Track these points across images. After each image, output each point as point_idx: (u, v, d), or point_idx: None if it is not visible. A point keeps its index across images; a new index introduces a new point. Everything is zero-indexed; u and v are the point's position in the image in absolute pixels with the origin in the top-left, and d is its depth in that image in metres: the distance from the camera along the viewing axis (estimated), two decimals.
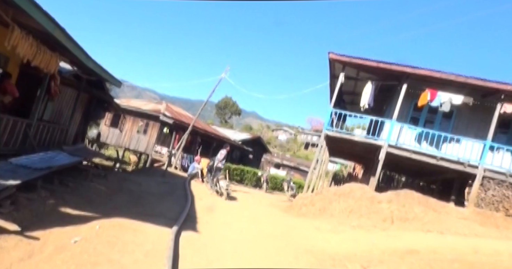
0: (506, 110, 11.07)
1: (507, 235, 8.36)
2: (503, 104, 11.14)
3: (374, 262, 5.62)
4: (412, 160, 11.71)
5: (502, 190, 10.60)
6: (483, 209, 10.47)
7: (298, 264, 5.49)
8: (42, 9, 4.87)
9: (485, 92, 11.56)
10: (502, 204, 10.42)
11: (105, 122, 23.14)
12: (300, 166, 44.17)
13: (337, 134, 12.60)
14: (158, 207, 8.31)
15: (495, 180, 10.82)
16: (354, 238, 7.32)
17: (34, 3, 4.64)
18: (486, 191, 10.74)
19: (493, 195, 10.61)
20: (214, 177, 12.79)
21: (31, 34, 5.73)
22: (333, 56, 12.18)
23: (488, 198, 10.62)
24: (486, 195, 10.67)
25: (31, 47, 5.80)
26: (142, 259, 4.55)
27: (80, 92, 10.77)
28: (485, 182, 10.86)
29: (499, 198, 10.51)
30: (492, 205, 10.51)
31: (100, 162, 18.38)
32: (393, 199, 10.31)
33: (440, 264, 5.51)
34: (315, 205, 10.52)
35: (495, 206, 10.46)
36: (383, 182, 18.86)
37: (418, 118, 13.11)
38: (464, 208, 10.70)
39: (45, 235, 4.60)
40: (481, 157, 11.12)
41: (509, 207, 10.29)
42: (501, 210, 10.35)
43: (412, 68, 11.57)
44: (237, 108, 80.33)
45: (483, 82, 11.04)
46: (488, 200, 10.60)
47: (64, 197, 6.56)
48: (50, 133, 9.37)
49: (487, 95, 11.66)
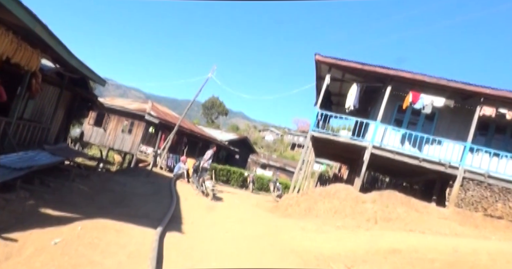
0: (485, 113, 11.38)
1: (485, 234, 8.59)
2: (482, 107, 11.43)
3: (358, 262, 5.69)
4: (396, 161, 11.88)
5: (481, 191, 10.90)
6: (463, 209, 10.72)
7: (283, 264, 5.50)
8: (23, 4, 4.74)
9: (465, 95, 11.85)
10: (480, 204, 10.71)
11: (88, 121, 22.68)
12: (287, 166, 44.35)
13: (323, 135, 12.69)
14: (143, 208, 8.20)
15: (474, 181, 11.09)
16: (338, 238, 7.38)
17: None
18: (466, 191, 11.00)
19: (472, 196, 10.88)
20: (200, 177, 12.70)
21: (11, 30, 5.57)
22: (319, 57, 12.27)
23: (467, 198, 10.89)
24: (466, 196, 10.94)
25: (11, 44, 5.62)
26: (125, 261, 4.48)
27: (63, 90, 10.52)
28: (465, 183, 11.12)
29: (478, 199, 10.80)
30: (472, 205, 10.78)
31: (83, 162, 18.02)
32: (377, 200, 10.45)
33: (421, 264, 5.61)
34: (301, 206, 10.56)
35: (474, 206, 10.73)
36: (367, 182, 19.12)
37: (402, 120, 13.33)
38: (445, 208, 10.93)
39: (24, 236, 4.46)
40: (461, 159, 11.39)
41: (487, 207, 10.59)
42: (480, 210, 10.64)
43: (396, 70, 11.76)
44: (224, 108, 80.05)
45: (463, 85, 11.33)
46: (468, 200, 10.86)
47: (44, 197, 6.40)
48: (31, 132, 9.12)
49: (467, 98, 11.95)
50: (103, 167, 18.01)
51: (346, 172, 24.07)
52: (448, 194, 11.32)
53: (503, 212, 10.37)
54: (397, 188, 14.24)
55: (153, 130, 21.85)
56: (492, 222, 9.98)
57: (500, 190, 10.75)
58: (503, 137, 12.60)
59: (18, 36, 5.81)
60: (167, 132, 21.59)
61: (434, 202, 11.75)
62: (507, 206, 10.38)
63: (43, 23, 5.44)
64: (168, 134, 21.37)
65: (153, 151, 20.35)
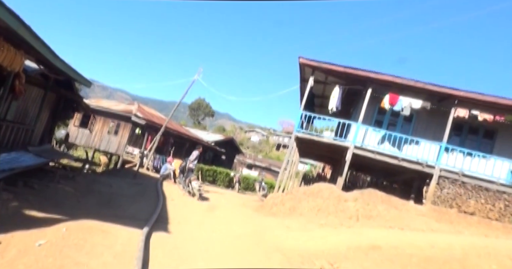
0: (459, 114, 11.72)
1: (459, 230, 8.83)
2: (456, 109, 11.77)
3: (340, 259, 5.75)
4: (376, 160, 12.07)
5: (455, 189, 11.21)
6: (439, 206, 10.99)
7: (269, 262, 5.52)
8: (5, 5, 4.61)
9: (440, 97, 12.16)
10: (455, 201, 11.02)
11: (74, 122, 22.19)
12: (272, 166, 44.49)
13: (307, 136, 12.79)
14: (129, 209, 8.09)
15: (449, 179, 11.39)
16: (322, 236, 7.43)
17: None
18: (441, 189, 11.29)
19: (447, 193, 11.18)
20: (186, 177, 12.61)
21: None
22: (303, 60, 12.39)
23: (443, 196, 11.18)
24: (441, 193, 11.23)
25: None
26: (111, 261, 4.41)
27: (47, 92, 10.25)
28: (441, 181, 11.40)
29: (453, 196, 11.10)
30: (447, 202, 11.08)
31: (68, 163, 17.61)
32: (358, 198, 10.57)
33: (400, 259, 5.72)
34: (286, 205, 10.59)
35: (449, 203, 11.03)
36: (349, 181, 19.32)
37: (382, 121, 13.56)
38: (422, 205, 11.17)
39: (7, 238, 4.34)
40: (437, 158, 11.68)
41: (461, 204, 10.90)
42: (455, 207, 10.94)
43: (376, 73, 11.98)
44: (210, 109, 79.67)
45: (438, 88, 11.63)
46: (444, 198, 11.15)
47: (28, 199, 6.23)
48: (14, 134, 8.85)
49: (442, 100, 12.25)
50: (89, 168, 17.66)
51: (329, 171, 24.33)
52: (425, 192, 11.58)
53: (475, 208, 10.70)
54: (378, 186, 14.46)
55: (140, 132, 21.56)
56: (465, 218, 10.27)
57: (473, 188, 11.09)
58: (476, 138, 12.97)
59: (1, 37, 5.65)
60: (154, 133, 21.35)
61: (412, 200, 11.99)
62: (479, 203, 10.72)
63: (26, 24, 5.30)
64: (154, 135, 21.14)
65: (139, 152, 20.09)
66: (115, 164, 21.96)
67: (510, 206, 10.68)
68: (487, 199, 10.82)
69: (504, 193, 10.94)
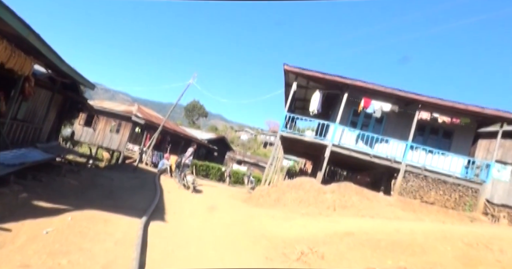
0: (422, 117, 12.02)
1: (421, 217, 9.06)
2: (420, 112, 12.06)
3: (318, 244, 5.81)
4: (352, 157, 12.25)
5: (418, 181, 11.51)
6: (404, 197, 11.26)
7: (255, 248, 5.57)
8: (18, 16, 4.55)
9: (407, 101, 12.43)
10: (418, 192, 11.32)
11: (79, 121, 21.85)
12: (259, 162, 44.51)
13: (290, 135, 12.89)
14: (129, 200, 8.02)
15: (413, 173, 11.68)
16: (303, 224, 7.48)
17: (10, 10, 4.32)
18: (407, 182, 11.57)
19: (412, 186, 11.47)
20: (181, 172, 12.58)
21: (5, 38, 5.31)
22: (287, 67, 12.47)
23: (408, 188, 11.46)
24: (407, 186, 11.51)
25: (5, 51, 5.37)
26: (112, 247, 4.41)
27: (55, 93, 10.08)
28: (406, 175, 11.69)
29: (416, 188, 11.40)
30: (411, 193, 11.36)
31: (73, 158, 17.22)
32: (335, 190, 10.65)
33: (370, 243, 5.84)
34: (271, 196, 10.62)
35: (413, 194, 11.32)
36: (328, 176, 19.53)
37: (357, 122, 13.78)
38: (390, 196, 11.38)
39: (17, 226, 4.30)
40: (403, 155, 11.95)
41: (423, 195, 11.21)
42: (418, 198, 11.24)
43: (352, 80, 12.16)
44: (204, 110, 79.19)
45: (405, 93, 11.89)
46: (408, 190, 11.44)
47: (37, 191, 6.15)
48: (24, 132, 8.69)
49: (408, 104, 12.52)
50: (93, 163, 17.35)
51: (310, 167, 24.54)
52: (393, 185, 11.84)
53: (435, 198, 11.03)
54: (353, 180, 14.67)
55: (139, 130, 21.37)
56: (426, 207, 10.55)
57: (433, 181, 11.41)
58: (436, 137, 13.31)
59: (12, 44, 5.56)
60: (152, 132, 21.17)
61: (382, 192, 12.18)
62: (438, 194, 11.06)
63: (36, 32, 5.24)
64: (153, 133, 20.96)
65: (139, 149, 19.89)
66: (117, 160, 21.67)
67: (463, 196, 11.06)
68: (445, 191, 11.16)
69: (459, 185, 11.30)
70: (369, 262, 4.79)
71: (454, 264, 4.42)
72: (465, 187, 11.33)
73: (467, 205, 11.08)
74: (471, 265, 4.37)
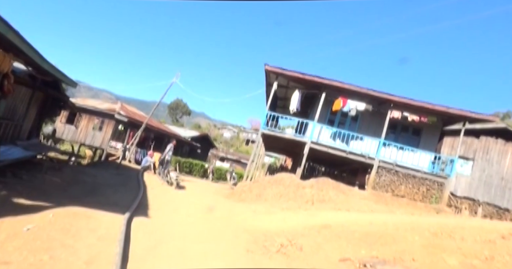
0: (393, 116, 12.41)
1: (392, 209, 9.37)
2: (392, 111, 12.44)
3: (297, 236, 5.88)
4: (329, 153, 12.45)
5: (390, 176, 11.90)
6: (377, 191, 11.61)
7: (237, 241, 5.56)
8: None
9: (380, 101, 12.77)
10: (390, 186, 11.71)
11: (60, 119, 20.99)
12: (242, 159, 44.46)
13: (271, 132, 12.94)
14: (112, 197, 7.82)
15: (386, 168, 12.05)
16: (283, 218, 7.52)
17: None
18: (380, 177, 11.93)
19: (384, 180, 11.84)
20: (165, 169, 12.41)
21: None
22: (268, 67, 12.50)
23: (381, 182, 11.82)
24: (380, 180, 11.87)
25: None
26: (95, 243, 4.30)
27: (35, 91, 9.63)
28: (379, 170, 12.03)
29: (388, 182, 11.79)
30: (384, 187, 11.73)
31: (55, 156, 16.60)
32: (314, 185, 10.78)
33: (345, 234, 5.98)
34: (253, 192, 10.61)
35: (385, 188, 11.69)
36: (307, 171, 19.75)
37: (334, 120, 13.98)
38: (364, 190, 11.71)
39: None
40: (377, 151, 12.28)
41: (395, 189, 11.62)
42: (389, 191, 11.63)
43: (329, 80, 12.34)
44: (187, 109, 78.04)
45: (378, 93, 12.22)
46: (381, 184, 11.80)
47: (17, 188, 5.88)
48: (3, 129, 8.26)
49: (381, 104, 12.86)
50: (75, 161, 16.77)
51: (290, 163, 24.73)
52: (367, 180, 12.16)
53: (405, 192, 11.46)
54: (330, 175, 14.94)
55: (122, 128, 20.83)
56: (397, 200, 10.93)
57: (403, 175, 11.84)
58: (406, 135, 13.77)
59: None
60: (135, 130, 20.71)
61: (357, 186, 12.50)
62: (408, 188, 11.49)
63: (15, 30, 4.98)
64: (136, 131, 20.51)
65: (122, 147, 19.37)
66: (100, 157, 21.01)
67: (430, 190, 11.55)
68: (414, 185, 11.61)
69: (426, 179, 11.79)
70: (344, 253, 4.92)
71: (421, 252, 4.63)
72: (432, 181, 11.82)
73: (434, 198, 11.59)
74: (435, 252, 4.59)
